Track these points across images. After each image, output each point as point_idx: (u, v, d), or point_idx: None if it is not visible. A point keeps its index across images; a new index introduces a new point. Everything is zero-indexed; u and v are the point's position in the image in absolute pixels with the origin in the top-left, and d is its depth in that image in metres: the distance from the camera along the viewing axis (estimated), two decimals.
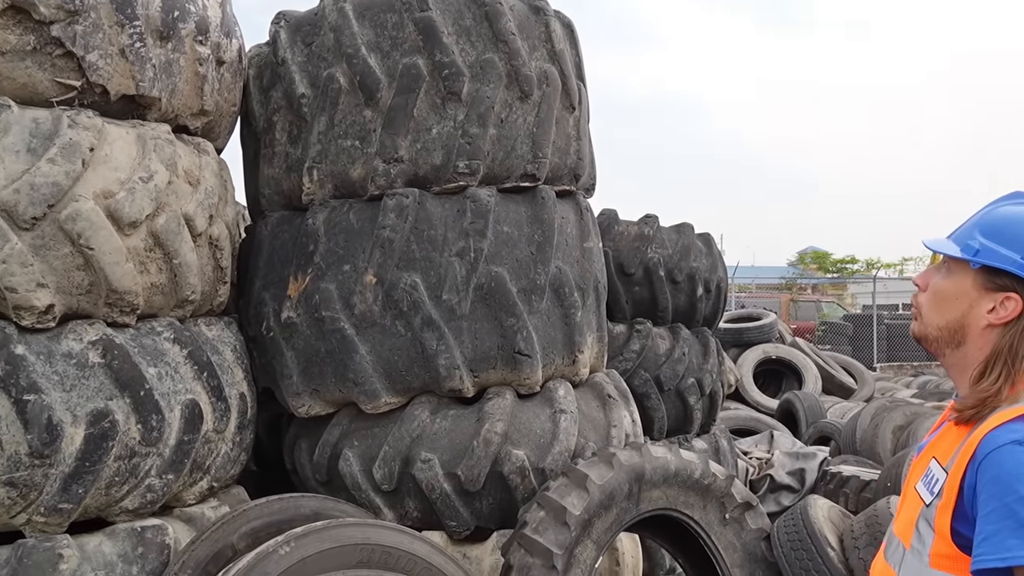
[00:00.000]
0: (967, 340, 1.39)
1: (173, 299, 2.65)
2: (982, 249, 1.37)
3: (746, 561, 2.93)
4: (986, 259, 1.36)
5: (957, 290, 1.40)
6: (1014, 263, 1.34)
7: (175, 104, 2.69)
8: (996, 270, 1.35)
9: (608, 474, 2.63)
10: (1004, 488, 1.21)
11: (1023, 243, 1.35)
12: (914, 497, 1.41)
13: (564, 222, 3.17)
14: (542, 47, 3.13)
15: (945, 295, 1.42)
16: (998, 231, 1.38)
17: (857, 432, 5.53)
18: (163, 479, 2.49)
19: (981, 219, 1.44)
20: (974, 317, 1.38)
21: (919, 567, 1.34)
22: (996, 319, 1.36)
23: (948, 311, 1.41)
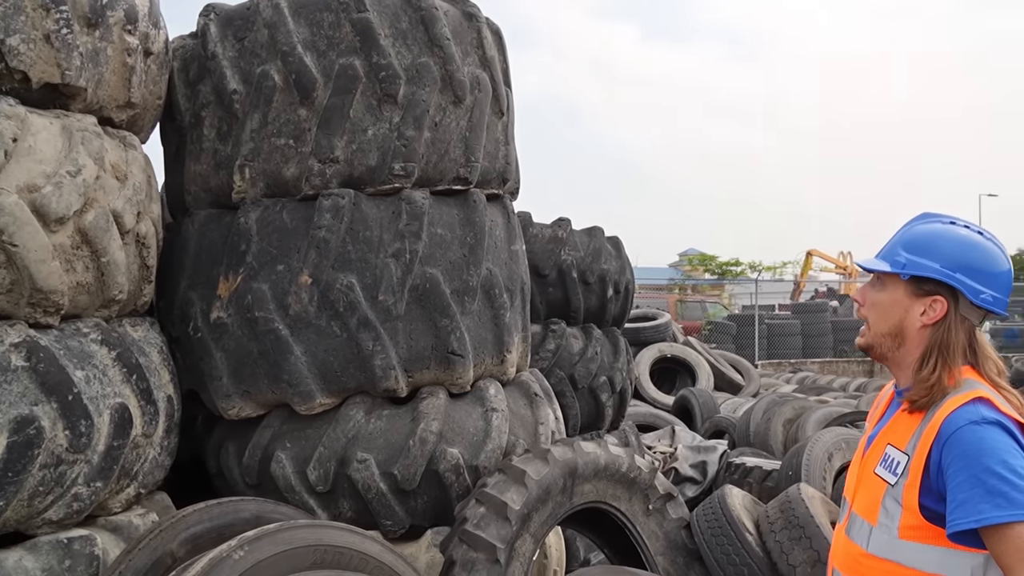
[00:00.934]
0: (906, 341, 1.60)
1: (99, 299, 2.54)
2: (908, 263, 1.60)
3: (668, 549, 3.10)
4: (913, 270, 1.59)
5: (892, 300, 1.62)
6: (935, 270, 1.57)
7: (100, 95, 2.58)
8: (922, 278, 1.57)
9: (544, 469, 2.72)
10: (970, 462, 1.41)
11: (939, 254, 1.59)
12: (875, 480, 1.58)
13: (494, 225, 3.24)
14: (474, 53, 3.19)
15: (884, 305, 1.63)
16: (918, 246, 1.61)
17: (751, 426, 5.88)
18: (91, 487, 2.39)
19: (902, 238, 1.66)
20: (910, 321, 1.59)
21: (888, 540, 1.53)
22: (928, 320, 1.59)
23: (888, 318, 1.62)
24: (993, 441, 1.43)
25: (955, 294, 1.56)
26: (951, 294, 1.56)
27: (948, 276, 1.56)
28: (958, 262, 1.56)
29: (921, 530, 1.48)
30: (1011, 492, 1.37)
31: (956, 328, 1.56)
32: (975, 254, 1.58)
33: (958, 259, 1.57)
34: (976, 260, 1.57)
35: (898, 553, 1.51)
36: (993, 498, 1.38)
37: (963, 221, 1.62)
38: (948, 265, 1.56)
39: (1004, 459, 1.41)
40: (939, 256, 1.57)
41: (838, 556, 1.68)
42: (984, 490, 1.39)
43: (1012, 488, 1.37)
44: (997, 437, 1.44)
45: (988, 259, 1.58)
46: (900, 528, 1.51)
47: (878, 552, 1.54)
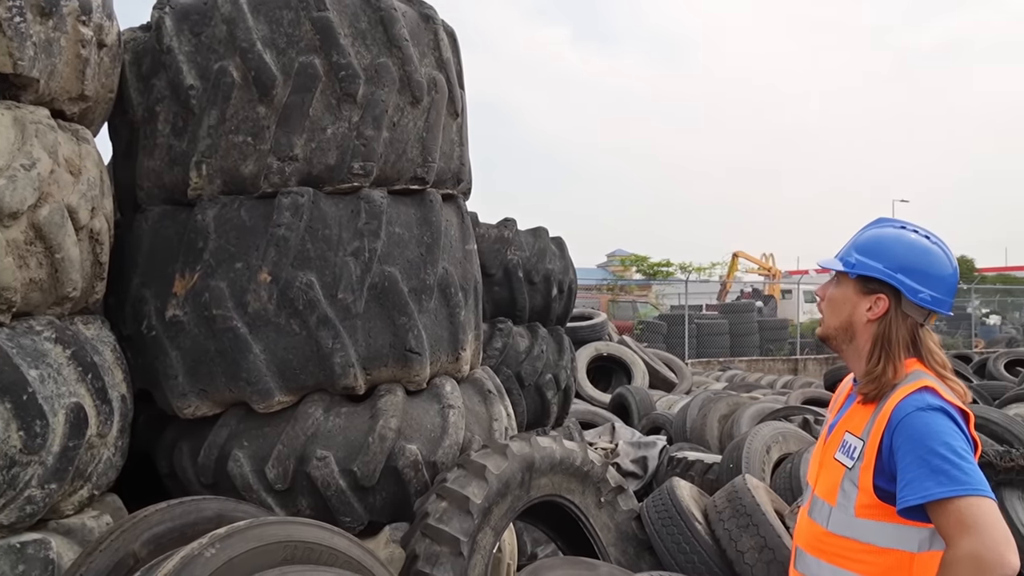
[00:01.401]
0: (856, 335, 1.74)
1: (52, 296, 2.48)
2: (857, 263, 1.75)
3: (619, 540, 3.20)
4: (860, 270, 1.74)
5: (843, 296, 1.77)
6: (879, 271, 1.72)
7: (52, 87, 2.52)
8: (868, 277, 1.70)
9: (503, 464, 2.79)
10: (917, 445, 1.55)
11: (885, 255, 1.74)
12: (835, 465, 1.70)
13: (449, 225, 3.28)
14: (431, 54, 3.23)
15: (836, 301, 1.78)
16: (867, 248, 1.76)
17: (687, 422, 6.07)
18: (45, 489, 2.33)
19: (855, 240, 1.81)
20: (858, 316, 1.73)
21: (846, 518, 1.66)
22: (872, 315, 1.73)
23: (840, 313, 1.77)
24: (937, 425, 1.57)
25: (897, 293, 1.70)
26: (893, 293, 1.70)
27: (889, 276, 1.70)
28: (901, 264, 1.70)
29: (875, 508, 1.61)
30: (952, 471, 1.51)
31: (898, 324, 1.70)
32: (918, 257, 1.72)
33: (901, 261, 1.71)
34: (918, 262, 1.71)
35: (855, 530, 1.64)
36: (937, 476, 1.52)
37: (914, 226, 1.76)
38: (891, 266, 1.70)
39: (947, 441, 1.55)
40: (884, 258, 1.72)
41: (802, 536, 1.80)
42: (929, 469, 1.52)
43: (953, 467, 1.51)
44: (941, 422, 1.57)
45: (931, 262, 1.72)
46: (856, 507, 1.63)
47: (837, 530, 1.67)
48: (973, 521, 1.48)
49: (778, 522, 2.84)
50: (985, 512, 1.49)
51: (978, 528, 1.47)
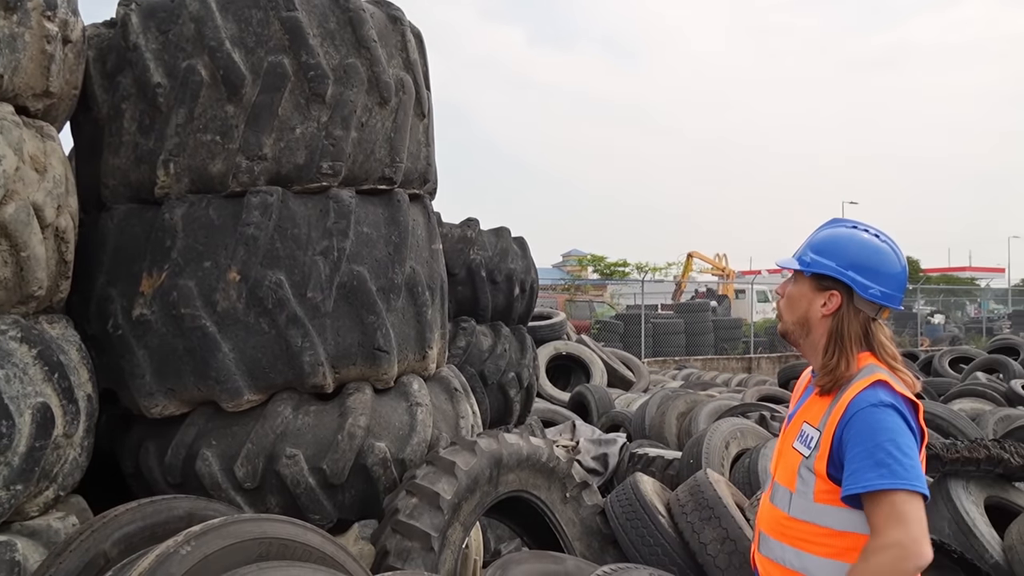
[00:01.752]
0: (812, 330, 1.83)
1: (16, 295, 2.45)
2: (812, 262, 1.85)
3: (584, 534, 3.27)
4: (814, 268, 1.83)
5: (800, 293, 1.86)
6: (831, 268, 1.82)
7: (16, 83, 2.49)
8: (822, 275, 1.79)
9: (472, 460, 2.83)
10: (866, 439, 1.64)
11: (837, 254, 1.83)
12: (793, 453, 1.79)
13: (415, 224, 3.32)
14: (398, 55, 3.26)
15: (793, 298, 1.87)
16: (822, 247, 1.86)
17: (646, 419, 6.18)
18: (10, 490, 2.31)
19: (810, 240, 1.90)
20: (813, 311, 1.82)
21: (806, 503, 1.75)
22: (826, 311, 1.83)
23: (797, 310, 1.86)
24: (887, 422, 1.66)
25: (849, 290, 1.79)
26: (846, 290, 1.79)
27: (841, 273, 1.79)
28: (852, 261, 1.79)
29: (831, 494, 1.71)
30: (894, 465, 1.61)
31: (850, 319, 1.79)
32: (869, 255, 1.81)
33: (853, 259, 1.79)
34: (869, 260, 1.80)
35: (814, 515, 1.72)
36: (879, 469, 1.61)
37: (865, 226, 1.85)
38: (843, 264, 1.79)
39: (893, 438, 1.64)
40: (837, 256, 1.81)
41: (764, 520, 1.88)
42: (873, 462, 1.62)
43: (895, 462, 1.61)
44: (891, 419, 1.67)
45: (881, 259, 1.81)
46: (815, 493, 1.72)
47: (798, 515, 1.76)
48: (903, 514, 1.57)
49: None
50: (915, 508, 1.59)
51: (906, 521, 1.57)
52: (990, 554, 3.31)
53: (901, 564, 1.56)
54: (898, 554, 1.56)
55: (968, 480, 3.64)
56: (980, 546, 3.33)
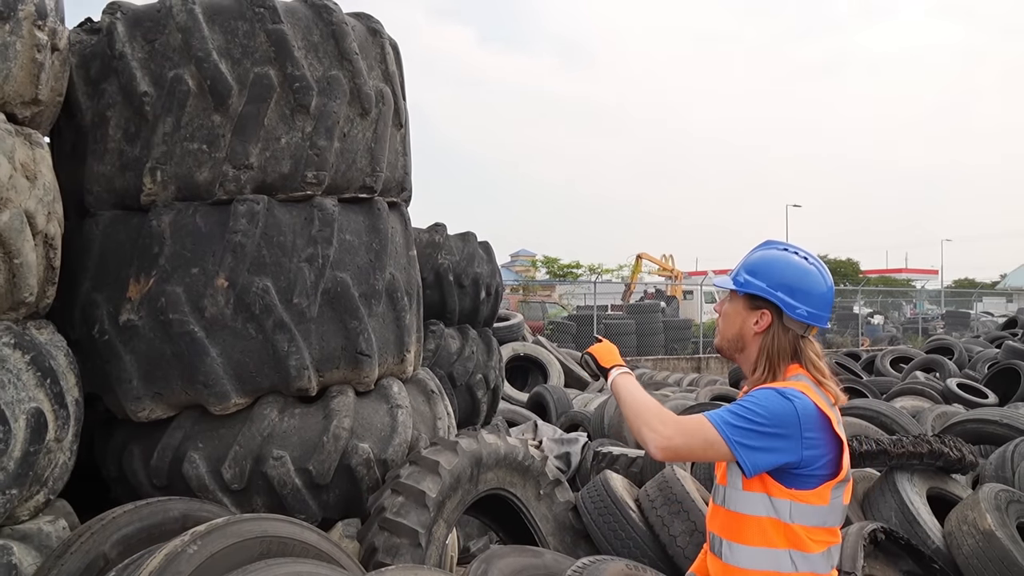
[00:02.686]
0: (746, 345, 1.96)
1: (8, 301, 2.48)
2: (745, 282, 1.96)
3: (557, 530, 3.41)
4: (747, 288, 1.95)
5: (734, 311, 1.97)
6: (762, 288, 1.93)
7: (7, 91, 2.52)
8: (753, 295, 1.94)
9: (455, 459, 2.94)
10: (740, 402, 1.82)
11: (767, 275, 1.94)
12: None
13: (394, 232, 3.42)
14: (378, 67, 3.35)
15: (728, 315, 1.98)
16: (753, 268, 1.97)
17: (605, 419, 6.36)
18: (6, 495, 2.34)
19: (744, 261, 2.03)
20: (747, 329, 1.95)
21: (735, 494, 1.87)
22: (758, 328, 1.94)
23: (731, 327, 1.97)
24: (766, 396, 1.79)
25: (779, 309, 1.92)
26: (775, 309, 1.92)
27: (770, 293, 1.91)
28: (781, 282, 1.92)
29: (757, 481, 1.82)
30: (744, 425, 1.75)
31: (780, 336, 1.92)
32: (797, 276, 1.93)
33: (781, 280, 1.92)
34: (798, 281, 1.92)
35: (741, 504, 1.85)
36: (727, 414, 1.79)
37: (795, 248, 2.01)
38: (772, 285, 1.92)
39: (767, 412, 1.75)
40: (767, 277, 1.93)
41: (712, 521, 2.00)
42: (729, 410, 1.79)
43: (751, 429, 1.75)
44: (773, 398, 1.78)
45: (808, 281, 1.93)
46: (743, 483, 1.84)
47: (731, 507, 1.88)
48: (695, 428, 1.77)
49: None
50: (708, 439, 1.76)
51: (688, 431, 1.77)
52: (932, 540, 3.56)
53: (646, 434, 1.77)
54: (656, 432, 1.76)
55: (912, 473, 3.89)
56: (923, 533, 3.58)
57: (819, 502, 1.82)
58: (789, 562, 1.81)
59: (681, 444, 1.77)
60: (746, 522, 1.85)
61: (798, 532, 1.81)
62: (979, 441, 5.21)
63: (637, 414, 1.82)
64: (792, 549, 1.81)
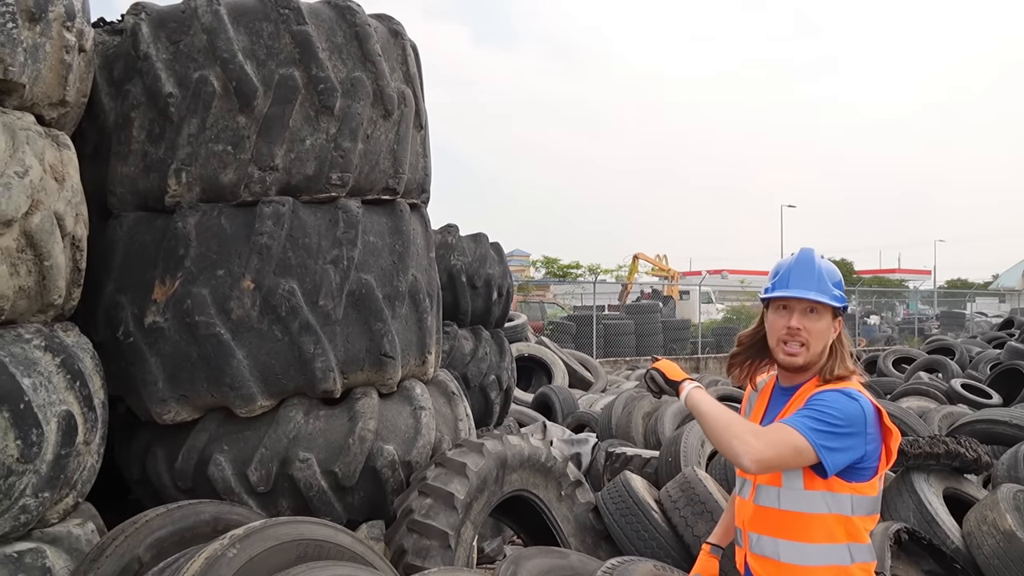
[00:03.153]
0: (825, 353, 1.99)
1: (37, 304, 2.46)
2: (839, 296, 2.02)
3: (578, 531, 3.41)
4: (842, 302, 2.01)
5: (827, 326, 2.00)
6: (844, 299, 2.03)
7: (36, 92, 2.50)
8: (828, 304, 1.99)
9: (481, 461, 2.94)
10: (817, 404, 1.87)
11: (840, 284, 2.05)
12: None
13: (415, 233, 3.41)
14: (399, 69, 3.35)
15: (821, 332, 1.99)
16: (834, 280, 2.03)
17: (613, 419, 6.36)
18: (39, 498, 2.33)
19: (821, 275, 2.01)
20: (830, 338, 2.01)
21: (795, 495, 1.89)
22: (834, 333, 2.02)
23: (822, 340, 2.00)
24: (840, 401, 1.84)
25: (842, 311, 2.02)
26: (842, 311, 2.02)
27: (846, 301, 2.03)
28: (843, 287, 2.05)
29: (819, 480, 1.86)
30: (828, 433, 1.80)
31: (845, 334, 2.04)
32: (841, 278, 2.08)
33: (842, 285, 2.05)
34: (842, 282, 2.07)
35: (805, 503, 1.88)
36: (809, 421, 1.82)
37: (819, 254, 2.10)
38: (842, 291, 2.04)
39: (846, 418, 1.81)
40: (840, 286, 2.04)
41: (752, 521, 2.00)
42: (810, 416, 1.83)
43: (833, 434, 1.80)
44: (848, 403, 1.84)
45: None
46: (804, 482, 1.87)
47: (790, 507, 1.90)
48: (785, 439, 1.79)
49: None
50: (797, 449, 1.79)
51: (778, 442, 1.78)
52: (951, 540, 3.57)
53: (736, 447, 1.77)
54: (748, 446, 1.76)
55: (928, 473, 3.91)
56: (942, 533, 3.59)
57: (872, 492, 1.90)
58: (848, 555, 1.88)
59: (773, 455, 1.79)
60: (809, 521, 1.88)
61: (857, 524, 1.88)
62: (988, 441, 5.23)
63: (726, 427, 1.82)
64: (851, 542, 1.88)
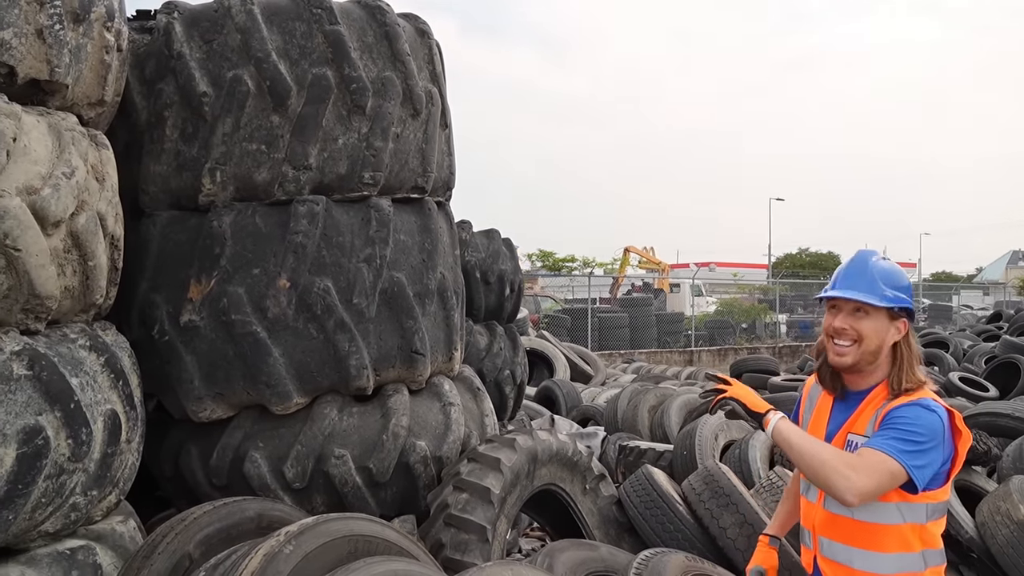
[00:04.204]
0: (882, 355, 2.01)
1: (80, 303, 2.48)
2: (893, 297, 2.01)
3: (602, 523, 3.47)
4: (897, 303, 2.00)
5: (879, 327, 2.01)
6: (904, 300, 2.02)
7: (76, 92, 2.51)
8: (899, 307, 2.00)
9: (514, 456, 2.99)
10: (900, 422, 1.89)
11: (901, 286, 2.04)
12: None
13: (442, 231, 3.45)
14: (426, 68, 3.37)
15: (872, 332, 2.01)
16: (889, 281, 2.03)
17: (618, 412, 6.42)
18: (87, 496, 2.35)
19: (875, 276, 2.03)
20: (888, 339, 2.02)
21: (871, 505, 1.91)
22: (898, 336, 2.02)
23: (875, 341, 2.01)
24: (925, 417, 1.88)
25: (910, 313, 2.03)
26: (908, 314, 2.03)
27: (908, 302, 2.02)
28: (907, 290, 2.04)
29: (893, 491, 1.89)
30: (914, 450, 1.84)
31: (912, 338, 2.03)
32: (907, 282, 2.07)
33: (906, 287, 2.04)
34: (908, 286, 2.06)
35: (879, 515, 1.92)
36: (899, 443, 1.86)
37: (882, 255, 2.10)
38: (906, 293, 2.03)
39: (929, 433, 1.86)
40: (901, 288, 2.03)
41: (822, 526, 2.05)
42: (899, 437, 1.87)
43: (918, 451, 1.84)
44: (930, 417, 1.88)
45: (908, 281, 2.07)
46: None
47: (863, 517, 1.94)
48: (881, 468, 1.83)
49: (753, 501, 3.18)
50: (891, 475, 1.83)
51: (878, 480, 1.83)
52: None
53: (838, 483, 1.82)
54: (848, 482, 1.81)
55: None
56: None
57: (945, 497, 1.94)
58: (922, 562, 1.92)
59: (874, 485, 1.83)
60: (885, 532, 1.92)
61: (931, 530, 1.92)
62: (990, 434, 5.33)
63: (823, 463, 1.85)
64: (925, 549, 1.92)
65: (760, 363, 9.48)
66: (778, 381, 8.73)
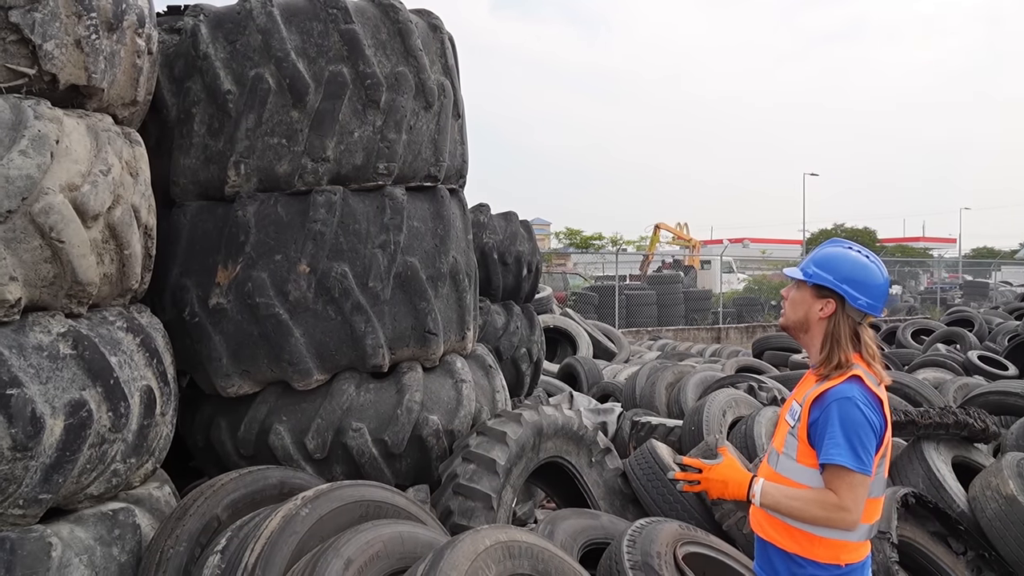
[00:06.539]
0: (810, 328, 2.21)
1: (118, 289, 2.72)
2: (813, 274, 2.20)
3: (607, 495, 3.66)
4: (815, 279, 2.20)
5: (802, 298, 2.23)
6: (829, 280, 2.18)
7: (111, 94, 2.73)
8: (820, 285, 2.18)
9: (519, 430, 3.18)
10: (837, 424, 2.06)
11: (834, 270, 2.19)
12: (784, 424, 2.23)
13: (455, 217, 3.62)
14: (438, 61, 3.54)
15: (796, 301, 2.24)
16: (821, 262, 2.23)
17: (637, 389, 6.58)
18: (127, 463, 2.60)
19: (814, 256, 2.28)
20: (812, 314, 2.20)
21: (789, 463, 2.16)
22: (823, 315, 2.19)
23: (798, 311, 2.23)
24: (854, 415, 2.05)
25: (842, 299, 2.17)
26: (839, 299, 2.18)
27: (836, 285, 2.17)
28: (846, 276, 2.17)
29: (808, 457, 2.10)
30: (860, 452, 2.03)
31: (842, 322, 2.18)
32: (858, 271, 2.19)
33: (846, 274, 2.18)
34: (859, 276, 2.18)
35: (794, 473, 2.13)
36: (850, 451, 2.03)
37: (857, 247, 2.25)
38: (838, 278, 2.17)
39: (857, 431, 2.04)
40: (834, 271, 2.19)
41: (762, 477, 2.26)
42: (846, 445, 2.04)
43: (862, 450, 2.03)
44: (856, 413, 2.06)
45: (868, 275, 2.19)
46: (798, 455, 2.13)
47: (781, 472, 2.17)
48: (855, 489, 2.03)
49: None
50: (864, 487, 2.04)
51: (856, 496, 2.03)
52: (957, 504, 3.78)
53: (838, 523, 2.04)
54: (842, 516, 2.03)
55: (938, 442, 4.11)
56: (949, 498, 3.80)
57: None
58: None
59: (860, 503, 2.05)
60: (795, 487, 2.12)
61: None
62: (1001, 412, 5.41)
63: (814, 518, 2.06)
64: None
65: (782, 341, 9.55)
66: (799, 359, 8.81)
